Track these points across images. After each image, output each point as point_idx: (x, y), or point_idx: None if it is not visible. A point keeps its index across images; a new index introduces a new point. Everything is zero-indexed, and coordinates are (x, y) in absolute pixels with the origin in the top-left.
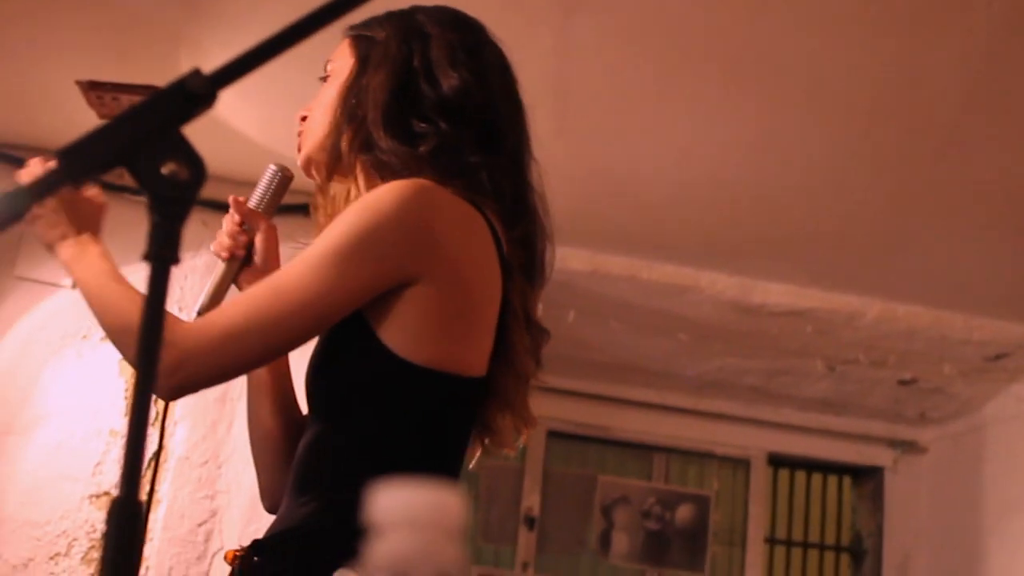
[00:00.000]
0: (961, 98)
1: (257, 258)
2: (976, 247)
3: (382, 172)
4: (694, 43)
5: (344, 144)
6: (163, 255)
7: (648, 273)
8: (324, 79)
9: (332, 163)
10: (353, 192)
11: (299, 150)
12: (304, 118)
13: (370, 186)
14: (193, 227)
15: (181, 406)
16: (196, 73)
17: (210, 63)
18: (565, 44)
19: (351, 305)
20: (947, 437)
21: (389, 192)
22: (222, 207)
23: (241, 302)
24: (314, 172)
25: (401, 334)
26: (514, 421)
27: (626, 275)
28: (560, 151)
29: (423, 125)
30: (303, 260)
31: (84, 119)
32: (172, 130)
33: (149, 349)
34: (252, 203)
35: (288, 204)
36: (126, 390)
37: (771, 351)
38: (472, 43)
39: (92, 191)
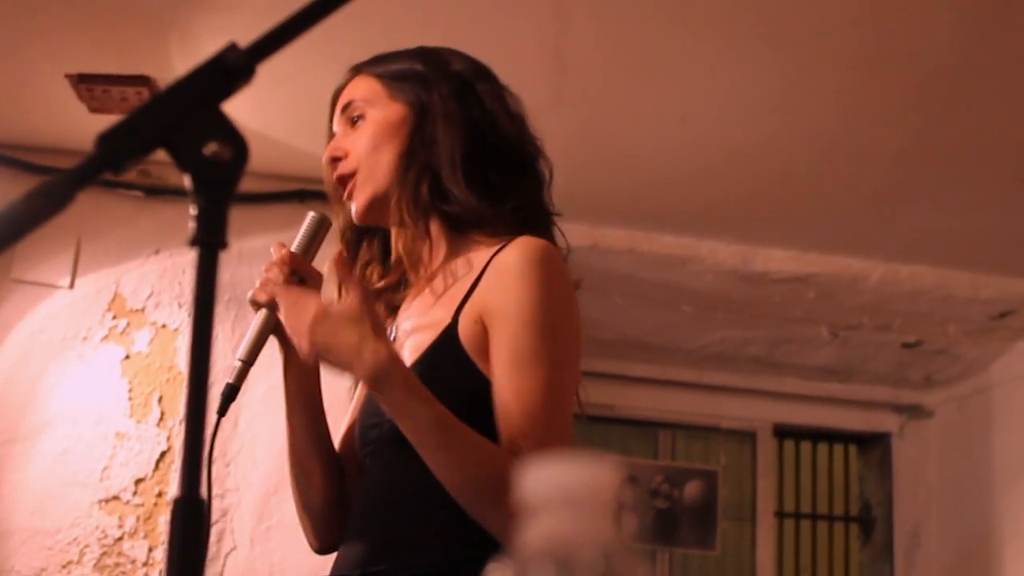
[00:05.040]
0: (965, 53)
1: None
2: (980, 203)
3: (461, 225)
4: (691, 5)
5: (424, 192)
6: (211, 240)
7: (648, 245)
8: (355, 119)
9: (413, 209)
10: (435, 246)
11: (349, 194)
12: (337, 159)
13: (445, 237)
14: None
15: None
16: (233, 47)
17: (203, 50)
18: (563, 9)
19: None
20: (953, 400)
21: (552, 255)
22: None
23: (547, 400)
24: (380, 215)
25: None
26: None
27: (626, 248)
28: (557, 121)
29: (498, 178)
30: (543, 343)
31: (76, 114)
32: (212, 108)
33: (202, 337)
34: (296, 251)
35: (278, 192)
36: (130, 391)
37: (774, 319)
38: (502, 92)
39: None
